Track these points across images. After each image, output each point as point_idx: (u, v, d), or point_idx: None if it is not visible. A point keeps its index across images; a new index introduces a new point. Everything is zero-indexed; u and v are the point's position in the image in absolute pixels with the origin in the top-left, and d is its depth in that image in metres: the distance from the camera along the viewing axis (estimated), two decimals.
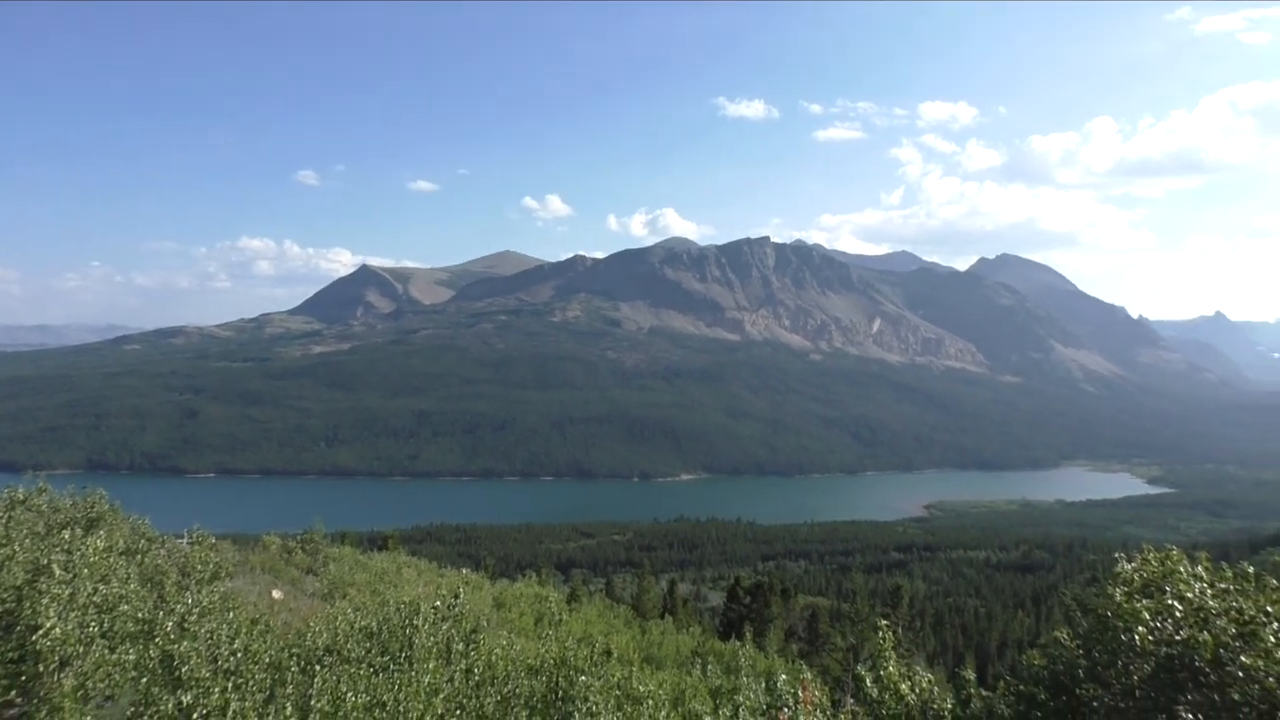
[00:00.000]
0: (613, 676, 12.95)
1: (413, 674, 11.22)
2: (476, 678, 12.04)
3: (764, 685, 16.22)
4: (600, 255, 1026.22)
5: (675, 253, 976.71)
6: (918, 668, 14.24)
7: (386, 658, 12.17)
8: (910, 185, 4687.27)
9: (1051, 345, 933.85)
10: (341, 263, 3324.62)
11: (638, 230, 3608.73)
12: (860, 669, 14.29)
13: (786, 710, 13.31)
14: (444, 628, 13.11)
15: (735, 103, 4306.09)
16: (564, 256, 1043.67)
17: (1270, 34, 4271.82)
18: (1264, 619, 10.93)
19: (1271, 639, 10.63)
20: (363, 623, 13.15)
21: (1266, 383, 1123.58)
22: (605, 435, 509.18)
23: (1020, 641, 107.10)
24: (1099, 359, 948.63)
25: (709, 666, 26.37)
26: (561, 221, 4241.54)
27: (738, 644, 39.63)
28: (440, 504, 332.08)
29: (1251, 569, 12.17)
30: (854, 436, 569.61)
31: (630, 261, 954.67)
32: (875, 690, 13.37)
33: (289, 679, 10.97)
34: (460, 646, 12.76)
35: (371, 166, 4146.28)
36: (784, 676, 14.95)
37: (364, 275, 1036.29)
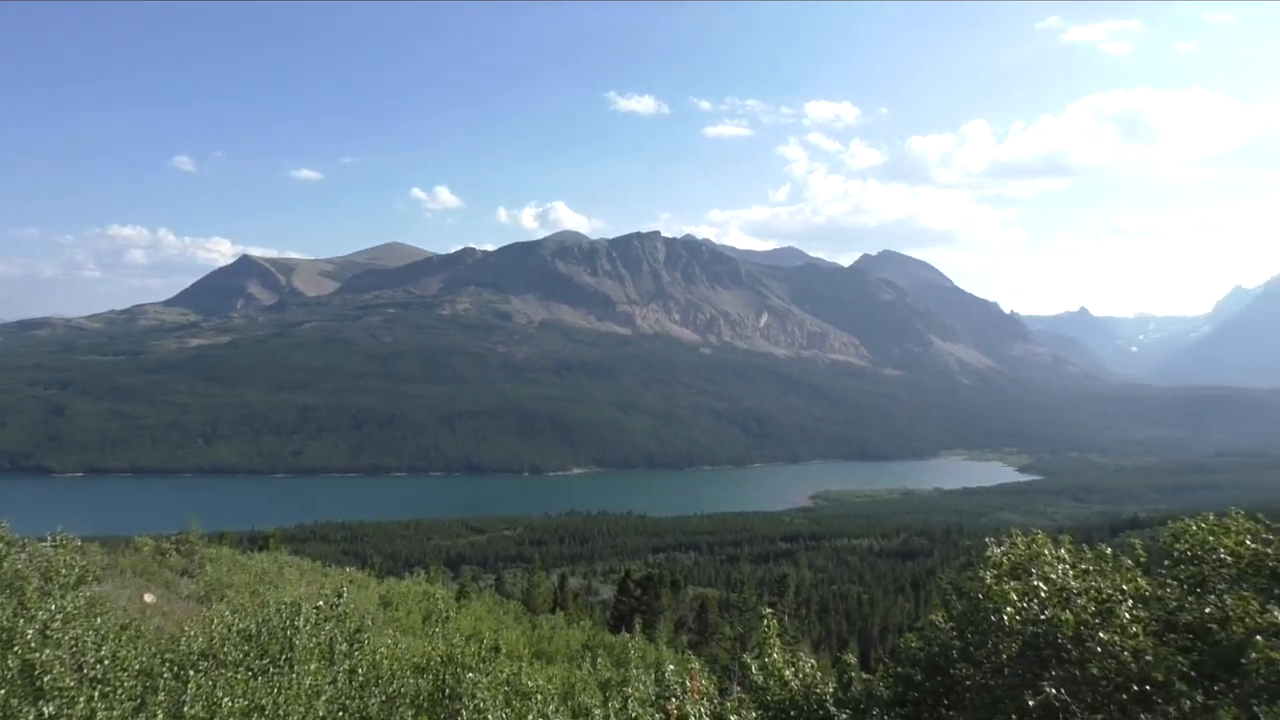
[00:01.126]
0: (501, 673, 12.86)
1: (293, 676, 10.92)
2: (361, 678, 11.79)
3: (653, 676, 16.38)
4: (490, 248, 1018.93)
5: (566, 246, 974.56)
6: (802, 654, 14.61)
7: (266, 660, 11.82)
8: (796, 182, 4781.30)
9: (930, 339, 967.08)
10: (221, 252, 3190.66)
11: (528, 223, 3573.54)
12: (746, 657, 14.58)
13: (675, 700, 13.46)
14: (327, 628, 12.81)
15: (626, 97, 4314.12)
16: (453, 249, 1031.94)
17: (1129, 45, 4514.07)
18: (1120, 597, 11.61)
19: (1127, 616, 11.30)
20: (241, 625, 12.73)
21: (1124, 374, 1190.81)
22: (495, 429, 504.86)
23: (900, 625, 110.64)
24: (974, 352, 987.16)
25: (599, 659, 26.50)
26: (450, 213, 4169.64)
27: (628, 636, 39.88)
28: (325, 501, 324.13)
29: (1110, 550, 12.91)
30: (742, 429, 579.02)
31: (521, 254, 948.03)
32: (760, 677, 13.66)
33: (161, 686, 10.55)
34: (344, 647, 12.49)
35: (252, 153, 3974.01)
36: (672, 667, 15.12)
37: (244, 266, 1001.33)
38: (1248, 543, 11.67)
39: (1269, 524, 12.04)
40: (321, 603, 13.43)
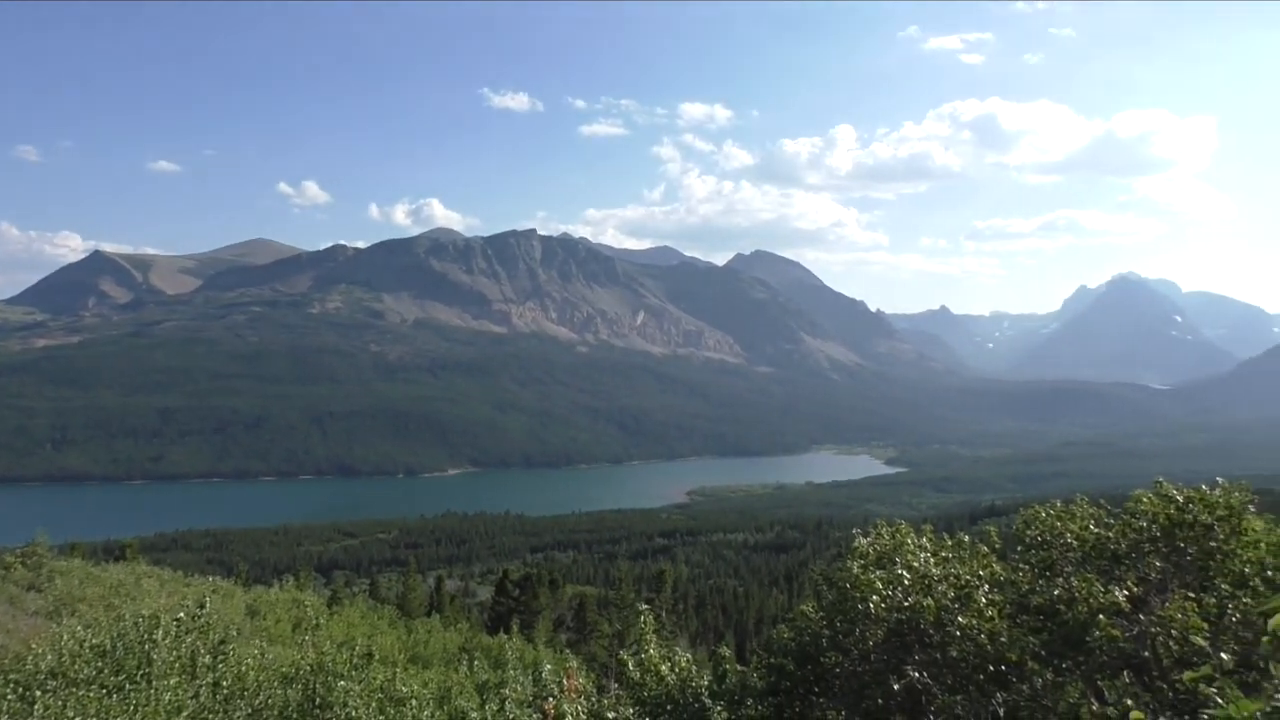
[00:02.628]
0: (375, 679, 12.60)
1: (151, 692, 10.42)
2: (225, 691, 11.36)
3: (531, 677, 16.33)
4: (362, 245, 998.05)
5: (441, 244, 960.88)
6: (678, 649, 14.79)
7: (122, 677, 11.22)
8: (671, 182, 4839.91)
9: (802, 337, 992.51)
10: (70, 248, 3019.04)
11: (401, 220, 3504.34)
12: (624, 654, 14.67)
13: (552, 699, 13.45)
14: (188, 640, 12.26)
15: (500, 94, 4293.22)
16: (323, 245, 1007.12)
17: (983, 56, 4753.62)
18: (977, 582, 12.19)
19: (983, 600, 11.87)
20: (94, 640, 12.04)
21: (981, 369, 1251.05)
22: (368, 430, 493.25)
23: (775, 617, 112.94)
24: (843, 350, 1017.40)
25: (476, 662, 26.19)
26: (320, 209, 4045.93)
27: (505, 637, 39.59)
28: (188, 508, 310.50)
29: (967, 538, 13.54)
30: (620, 427, 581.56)
31: (394, 252, 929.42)
32: (637, 673, 13.77)
33: (4, 709, 9.94)
34: (207, 659, 11.98)
35: (104, 143, 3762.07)
36: (550, 666, 15.11)
37: (97, 262, 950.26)
38: (1091, 527, 12.39)
39: (1110, 509, 12.81)
40: (183, 614, 12.85)
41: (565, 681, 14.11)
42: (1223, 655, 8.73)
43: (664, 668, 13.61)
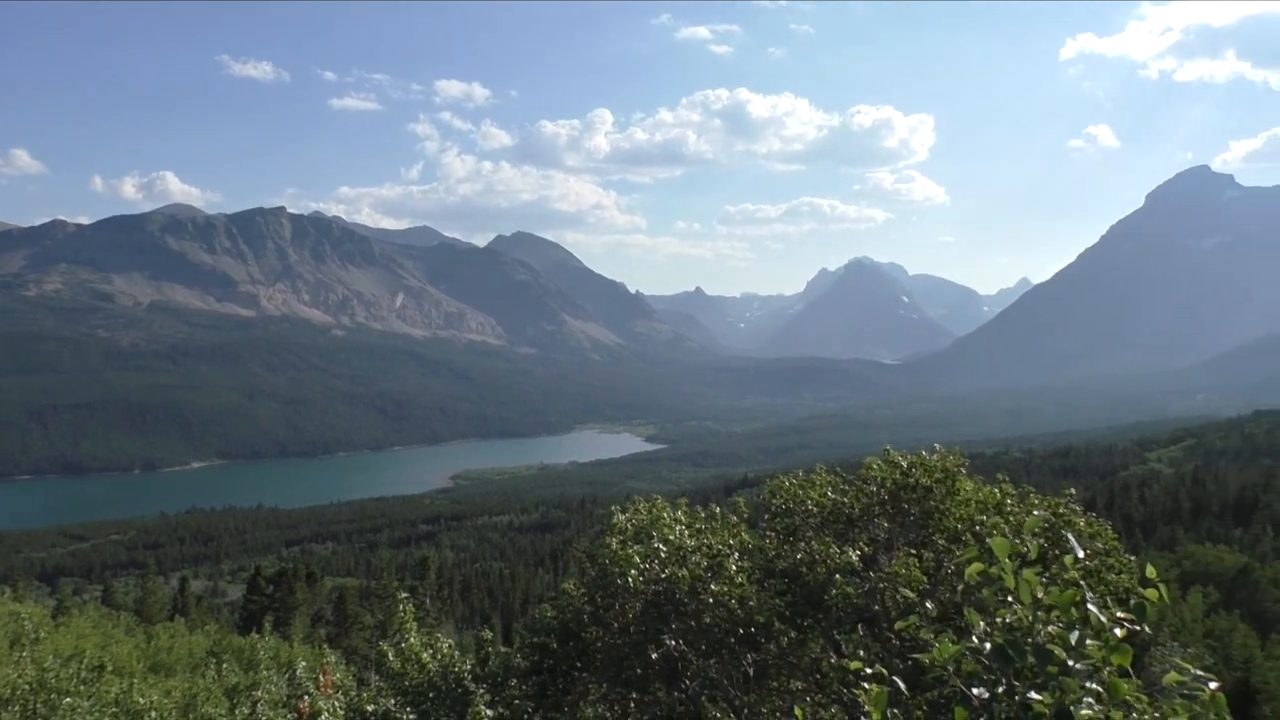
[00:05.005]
0: (108, 693, 11.66)
1: None
2: None
3: (286, 676, 15.66)
4: (85, 221, 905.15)
5: (178, 221, 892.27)
6: (440, 635, 14.64)
7: None
8: (429, 161, 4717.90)
9: (563, 318, 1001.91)
10: None
11: (130, 194, 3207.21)
12: (384, 644, 14.36)
13: (308, 698, 12.96)
14: None
15: (241, 62, 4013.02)
16: (38, 221, 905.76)
17: (730, 47, 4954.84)
18: (728, 551, 12.86)
19: (734, 567, 12.53)
20: None
21: (734, 348, 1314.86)
22: (98, 424, 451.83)
23: (541, 597, 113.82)
24: (603, 330, 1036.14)
25: (225, 665, 24.83)
26: (32, 180, 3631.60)
27: (257, 637, 37.75)
28: None
29: (719, 510, 14.23)
30: (380, 412, 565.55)
31: (123, 229, 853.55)
32: (398, 663, 13.52)
33: None
34: None
35: None
36: (304, 664, 14.56)
37: None
38: (829, 494, 13.38)
39: (846, 476, 13.87)
40: None
41: (322, 678, 13.64)
42: (928, 604, 9.71)
43: (425, 655, 13.44)
